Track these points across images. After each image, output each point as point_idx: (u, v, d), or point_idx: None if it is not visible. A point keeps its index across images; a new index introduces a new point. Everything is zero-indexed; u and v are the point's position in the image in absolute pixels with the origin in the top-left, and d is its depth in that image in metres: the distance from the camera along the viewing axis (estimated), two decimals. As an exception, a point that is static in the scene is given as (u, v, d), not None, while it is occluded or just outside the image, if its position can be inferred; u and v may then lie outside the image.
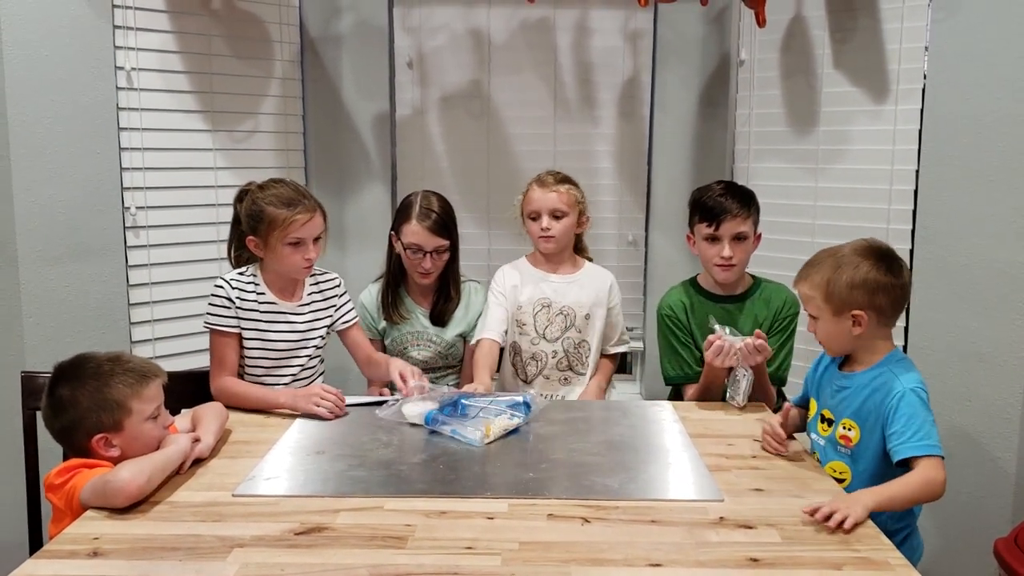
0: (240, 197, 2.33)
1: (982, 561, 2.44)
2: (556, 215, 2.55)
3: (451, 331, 2.66)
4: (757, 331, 2.17)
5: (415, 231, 2.56)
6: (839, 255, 1.85)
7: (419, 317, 2.67)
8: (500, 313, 2.60)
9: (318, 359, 2.42)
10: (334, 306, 2.42)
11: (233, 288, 2.27)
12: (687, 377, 2.44)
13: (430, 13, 3.31)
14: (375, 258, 3.34)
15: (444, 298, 2.67)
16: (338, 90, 3.30)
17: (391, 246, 2.69)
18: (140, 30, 2.73)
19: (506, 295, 2.62)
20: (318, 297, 2.39)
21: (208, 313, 2.28)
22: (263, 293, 2.30)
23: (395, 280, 2.70)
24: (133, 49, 2.72)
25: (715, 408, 2.25)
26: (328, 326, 2.41)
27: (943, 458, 1.71)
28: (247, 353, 2.30)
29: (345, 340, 2.46)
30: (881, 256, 1.83)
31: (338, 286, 2.44)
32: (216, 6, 2.93)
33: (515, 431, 2.01)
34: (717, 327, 2.18)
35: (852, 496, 1.61)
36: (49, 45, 2.52)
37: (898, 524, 1.83)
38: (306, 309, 2.35)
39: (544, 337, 2.61)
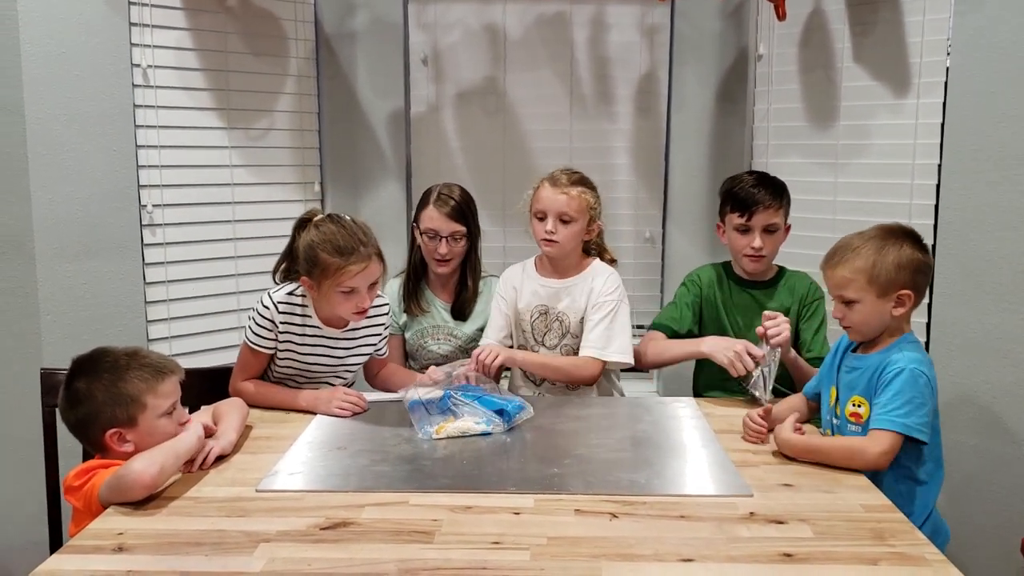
0: (301, 225, 2.18)
1: (1009, 557, 2.42)
2: (563, 219, 2.38)
3: (471, 325, 2.65)
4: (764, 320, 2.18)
5: (432, 216, 2.57)
6: (875, 238, 1.87)
7: (439, 310, 2.66)
8: (500, 320, 2.53)
9: (350, 383, 2.40)
10: (379, 335, 2.36)
11: (280, 312, 2.17)
12: (668, 330, 2.44)
13: (445, 9, 3.30)
14: (391, 255, 3.30)
15: (464, 291, 2.66)
16: (353, 87, 3.29)
17: (413, 239, 2.69)
18: (156, 27, 2.73)
19: (506, 299, 2.54)
20: (365, 323, 2.28)
21: (248, 327, 2.21)
22: (309, 317, 2.22)
23: (416, 273, 2.69)
24: (149, 47, 2.72)
25: (740, 405, 2.22)
26: (372, 351, 2.36)
27: (908, 437, 1.75)
28: (279, 369, 2.27)
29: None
30: (916, 237, 1.90)
31: (387, 314, 2.38)
32: (232, 3, 2.92)
33: (484, 434, 1.96)
34: (766, 348, 2.15)
35: (785, 435, 1.83)
36: (66, 43, 2.52)
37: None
38: (350, 335, 2.28)
39: (543, 344, 2.50)
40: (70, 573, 1.36)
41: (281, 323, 2.18)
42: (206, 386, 2.25)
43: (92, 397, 1.72)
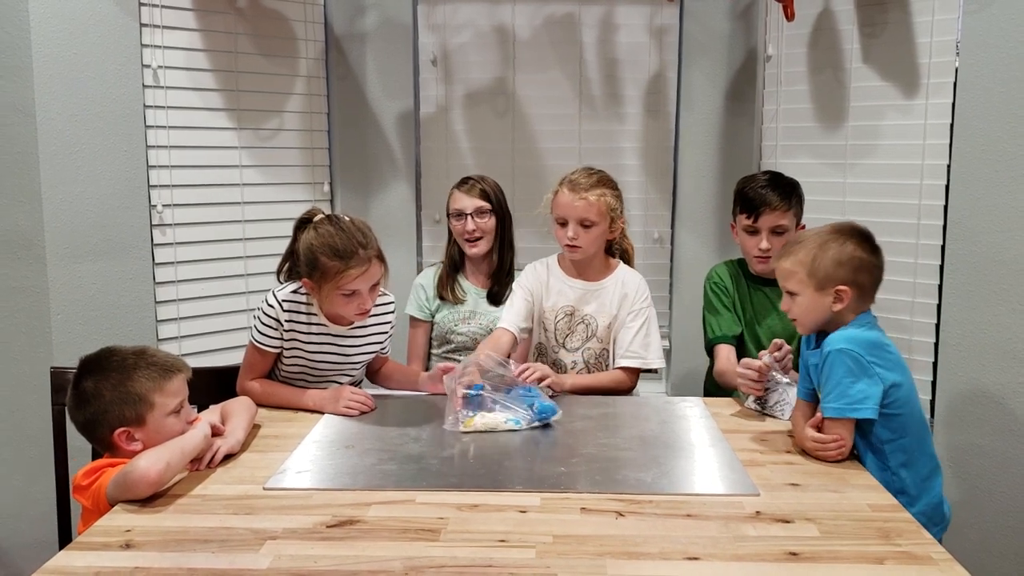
0: (301, 224, 2.18)
1: (1019, 557, 2.41)
2: (585, 224, 2.36)
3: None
4: (773, 342, 2.17)
5: (456, 197, 2.70)
6: (822, 233, 1.90)
7: (474, 297, 2.73)
8: (523, 307, 2.48)
9: (359, 381, 2.40)
10: (385, 333, 2.35)
11: (284, 310, 2.17)
12: (726, 339, 2.44)
13: (454, 10, 3.31)
14: (401, 255, 3.36)
15: (502, 276, 2.73)
16: (363, 88, 3.30)
17: (450, 233, 2.78)
18: (167, 28, 2.74)
19: (532, 291, 2.50)
20: (371, 321, 2.29)
21: (254, 327, 2.21)
22: (315, 315, 2.21)
23: (453, 263, 2.77)
24: (160, 47, 2.73)
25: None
26: (378, 349, 2.36)
27: (855, 420, 1.80)
28: (287, 368, 2.26)
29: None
30: (864, 236, 1.90)
31: (392, 312, 2.36)
32: (241, 4, 2.93)
33: (511, 431, 1.97)
34: (766, 357, 2.13)
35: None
36: (77, 44, 2.53)
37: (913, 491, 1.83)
38: (356, 333, 2.28)
39: (564, 346, 2.50)
40: (78, 569, 1.36)
41: (286, 321, 2.18)
42: (215, 385, 2.26)
43: (100, 396, 1.73)
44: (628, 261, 2.59)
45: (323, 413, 2.13)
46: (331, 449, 1.89)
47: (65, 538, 2.02)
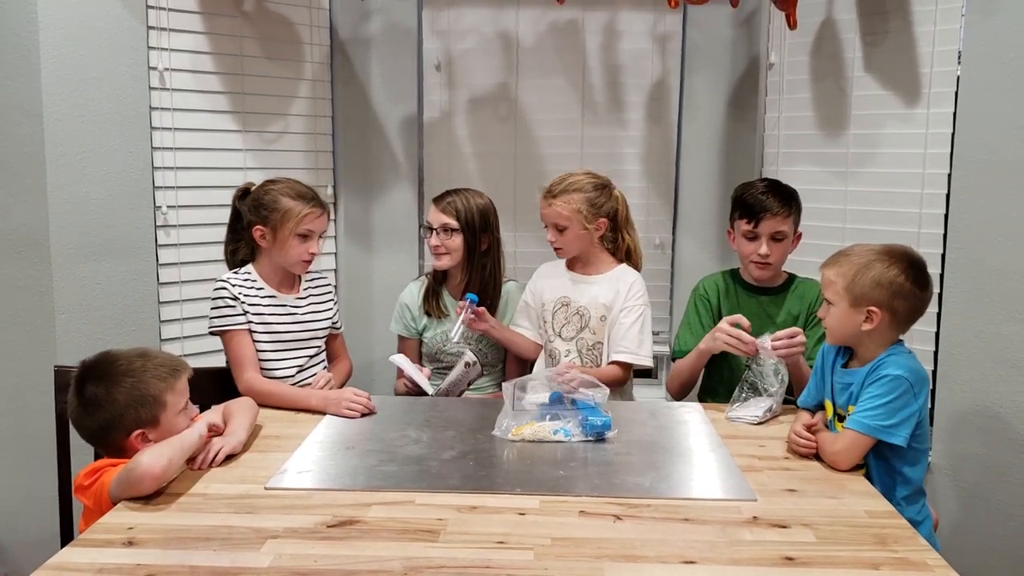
0: (242, 195, 2.43)
1: (1017, 568, 2.42)
2: (558, 228, 2.52)
3: None
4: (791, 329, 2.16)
5: (430, 210, 2.69)
6: (873, 251, 1.88)
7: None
8: (525, 322, 2.68)
9: (323, 351, 2.50)
10: (333, 301, 2.55)
11: (234, 286, 2.34)
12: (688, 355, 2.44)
13: (459, 15, 3.32)
14: (402, 259, 3.38)
15: (484, 296, 2.67)
16: (367, 92, 3.31)
17: None
18: (173, 31, 2.76)
19: (534, 291, 2.67)
20: (314, 291, 2.50)
21: (214, 316, 2.32)
22: (262, 288, 2.38)
23: (436, 276, 2.76)
24: (166, 50, 2.75)
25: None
26: (330, 320, 2.51)
27: (876, 440, 1.79)
28: (265, 351, 2.35)
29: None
30: (913, 264, 1.87)
31: (330, 284, 2.59)
32: (247, 8, 2.95)
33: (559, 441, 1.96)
34: (766, 337, 2.14)
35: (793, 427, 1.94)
36: (84, 46, 2.55)
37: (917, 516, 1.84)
38: (304, 302, 2.45)
39: (560, 335, 2.59)
40: (81, 566, 1.38)
41: (240, 295, 2.33)
42: (216, 385, 2.29)
43: (114, 402, 1.74)
44: (632, 257, 2.66)
45: (325, 414, 2.14)
46: (332, 450, 1.90)
47: (67, 536, 2.04)
